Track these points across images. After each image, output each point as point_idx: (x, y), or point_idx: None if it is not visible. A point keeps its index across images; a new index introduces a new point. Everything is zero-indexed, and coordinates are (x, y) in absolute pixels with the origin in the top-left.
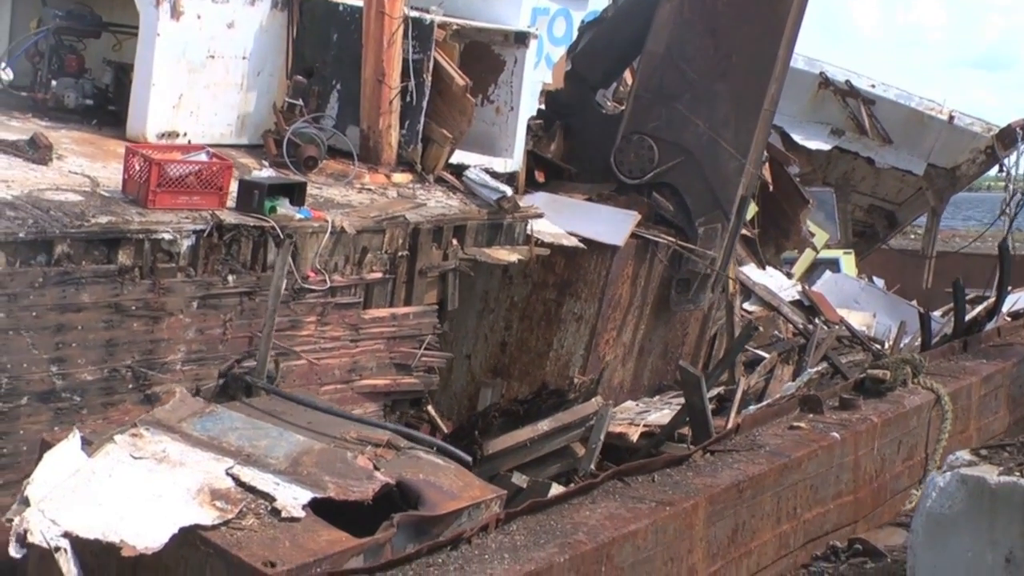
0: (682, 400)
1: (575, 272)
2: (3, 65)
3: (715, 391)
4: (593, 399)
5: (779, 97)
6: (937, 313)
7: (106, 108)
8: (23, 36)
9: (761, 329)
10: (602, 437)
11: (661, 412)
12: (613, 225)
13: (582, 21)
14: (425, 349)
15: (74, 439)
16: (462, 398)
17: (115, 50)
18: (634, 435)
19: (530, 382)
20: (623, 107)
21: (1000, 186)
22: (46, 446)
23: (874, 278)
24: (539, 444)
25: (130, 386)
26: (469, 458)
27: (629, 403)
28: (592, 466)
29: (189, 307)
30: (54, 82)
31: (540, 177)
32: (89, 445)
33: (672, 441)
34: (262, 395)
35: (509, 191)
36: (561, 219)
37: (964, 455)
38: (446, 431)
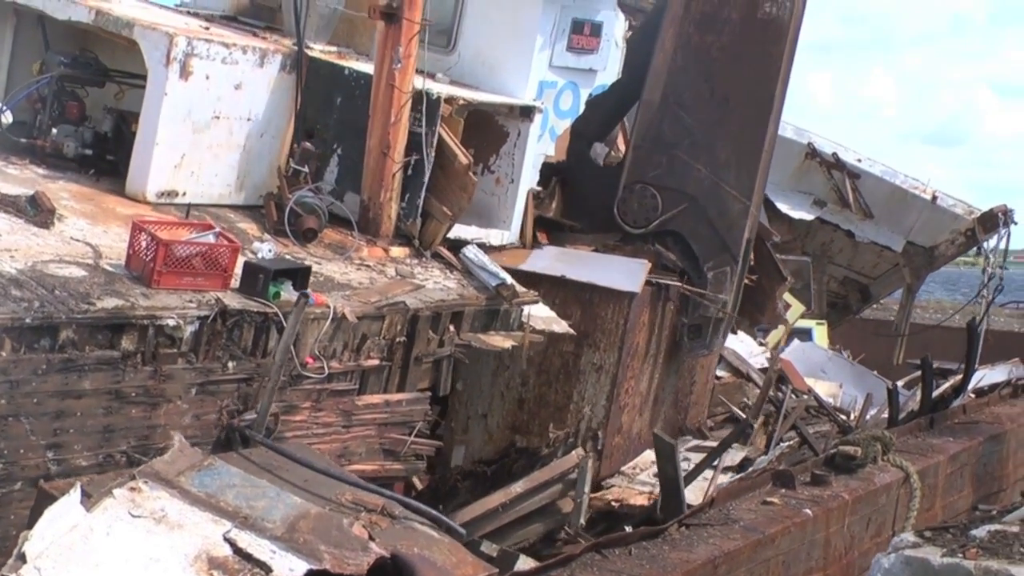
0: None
1: (592, 323)
2: (3, 108)
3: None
4: (573, 452)
5: (776, 136)
6: (901, 383)
7: (105, 157)
8: (26, 81)
9: (755, 427)
10: (587, 490)
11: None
12: (627, 273)
13: (589, 95)
14: (415, 436)
15: (74, 493)
16: (480, 457)
17: (117, 99)
18: (634, 499)
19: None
20: (616, 153)
21: (971, 263)
22: (43, 495)
23: (841, 350)
24: (514, 506)
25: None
26: (464, 531)
27: (649, 454)
28: (583, 520)
29: (188, 393)
30: (54, 129)
31: (543, 238)
32: (88, 498)
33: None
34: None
35: (508, 278)
36: (573, 270)
37: (908, 536)
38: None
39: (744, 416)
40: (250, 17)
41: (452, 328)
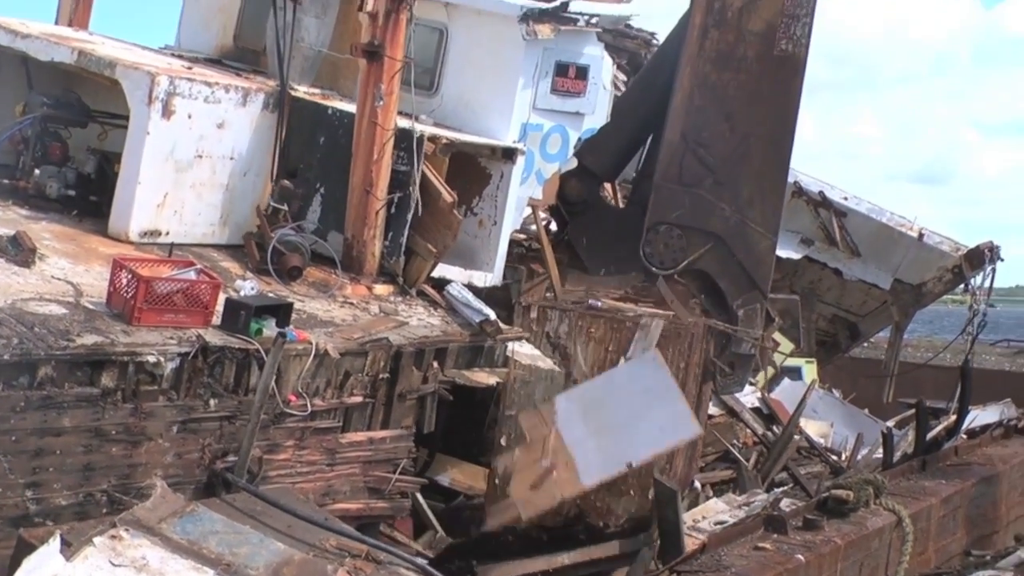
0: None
1: None
2: None
3: None
4: (642, 535)
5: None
6: (892, 423)
7: (88, 198)
8: (9, 123)
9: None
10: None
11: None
12: (673, 420)
13: (579, 139)
14: (400, 473)
15: (54, 543)
16: (528, 511)
17: (100, 139)
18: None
19: (608, 487)
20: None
21: (959, 302)
22: (22, 544)
23: (831, 389)
24: None
25: (104, 511)
26: None
27: (715, 503)
28: None
29: (169, 431)
30: (37, 170)
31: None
32: (68, 547)
33: None
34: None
35: (492, 314)
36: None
37: None
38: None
39: (738, 456)
40: (234, 60)
41: (436, 364)
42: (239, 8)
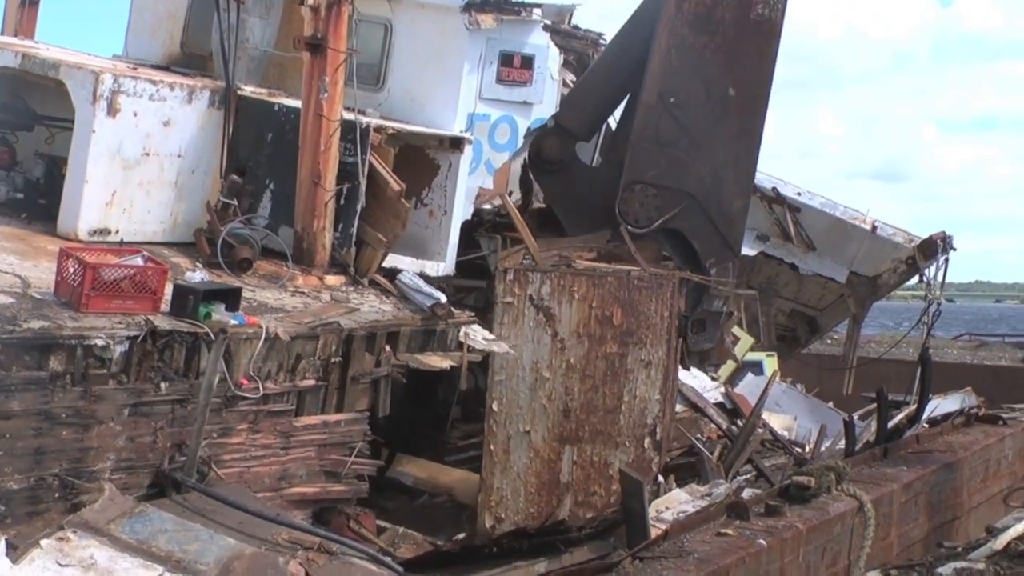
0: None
1: (635, 319)
2: None
3: None
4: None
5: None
6: (856, 415)
7: (36, 202)
8: None
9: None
10: None
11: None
12: None
13: (528, 128)
14: (356, 456)
15: None
16: (528, 476)
17: (48, 143)
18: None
19: (603, 441)
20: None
21: (920, 297)
22: None
23: (795, 384)
24: None
25: (57, 495)
26: (400, 568)
27: (678, 493)
28: None
29: (120, 415)
30: None
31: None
32: (14, 550)
33: None
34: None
35: (443, 297)
36: None
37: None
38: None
39: (701, 448)
40: (182, 66)
41: (388, 348)
42: (185, 15)
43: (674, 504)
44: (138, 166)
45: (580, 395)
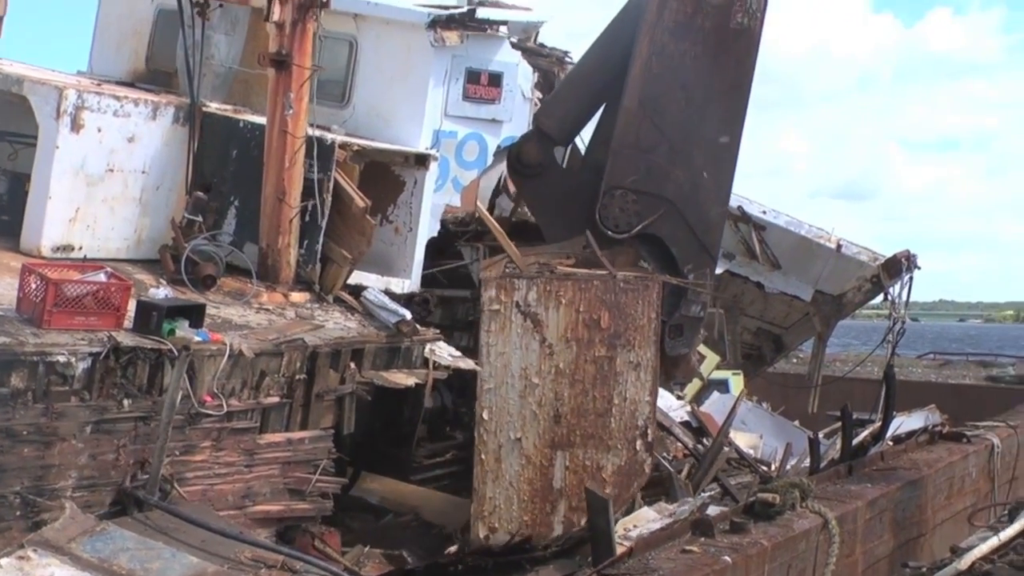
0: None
1: (623, 322)
2: None
3: None
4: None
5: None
6: (821, 434)
7: (0, 218)
8: None
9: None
10: None
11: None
12: None
13: (498, 146)
14: (320, 474)
15: None
16: (520, 484)
17: (11, 159)
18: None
19: (595, 445)
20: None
21: (884, 317)
22: None
23: (760, 402)
24: None
25: (17, 513)
26: None
27: (646, 511)
28: None
29: (83, 432)
30: None
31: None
32: None
33: None
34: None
35: (408, 314)
36: None
37: None
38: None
39: (668, 467)
40: (147, 82)
41: (353, 365)
42: (150, 31)
43: (642, 522)
44: (102, 182)
45: (570, 400)
